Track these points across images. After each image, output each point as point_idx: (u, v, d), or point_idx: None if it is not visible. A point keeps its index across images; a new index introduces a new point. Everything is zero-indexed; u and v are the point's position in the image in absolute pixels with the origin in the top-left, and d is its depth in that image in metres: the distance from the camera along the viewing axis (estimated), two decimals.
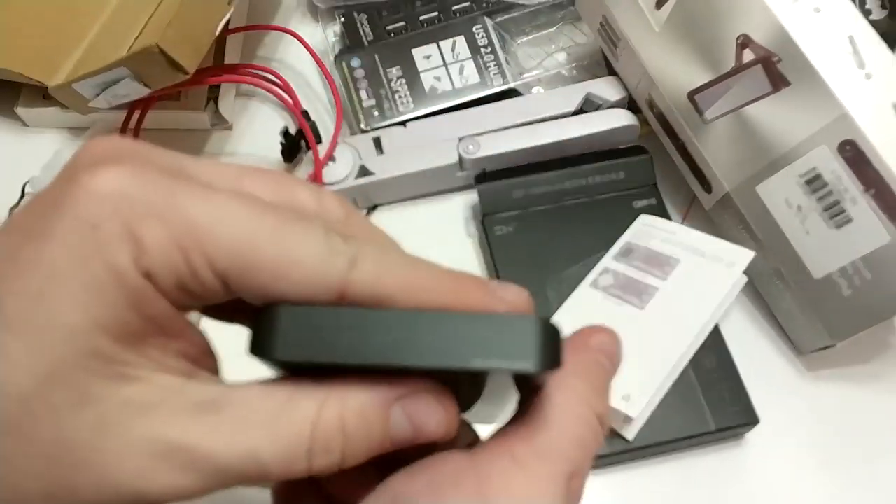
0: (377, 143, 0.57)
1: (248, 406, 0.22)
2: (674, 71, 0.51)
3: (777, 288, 0.50)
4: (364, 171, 0.55)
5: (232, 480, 0.22)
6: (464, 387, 0.25)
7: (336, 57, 0.61)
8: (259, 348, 0.23)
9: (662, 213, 0.54)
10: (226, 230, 0.21)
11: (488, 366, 0.23)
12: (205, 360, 0.24)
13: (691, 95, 0.50)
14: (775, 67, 0.45)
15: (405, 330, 0.22)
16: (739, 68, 0.47)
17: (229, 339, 0.26)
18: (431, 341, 0.23)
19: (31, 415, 0.20)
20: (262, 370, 0.24)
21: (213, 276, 0.21)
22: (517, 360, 0.23)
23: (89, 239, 0.20)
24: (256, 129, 0.62)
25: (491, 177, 0.55)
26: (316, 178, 0.55)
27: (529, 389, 0.27)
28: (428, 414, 0.24)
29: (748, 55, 0.46)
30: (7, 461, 0.21)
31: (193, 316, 0.24)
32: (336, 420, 0.22)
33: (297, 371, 0.24)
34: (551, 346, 0.23)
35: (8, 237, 0.22)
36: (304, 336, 0.22)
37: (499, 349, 0.23)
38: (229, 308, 0.24)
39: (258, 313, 0.23)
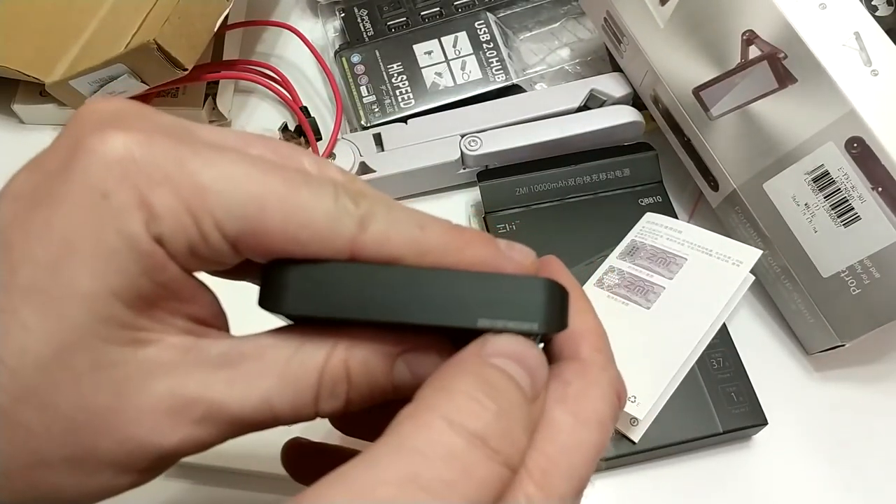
0: (377, 139, 0.56)
1: (260, 356, 0.23)
2: (679, 67, 0.50)
3: (785, 287, 0.50)
4: (364, 169, 0.55)
5: (246, 429, 0.23)
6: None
7: (336, 52, 0.60)
8: (268, 302, 0.23)
9: (668, 210, 0.53)
10: (234, 193, 0.21)
11: (493, 326, 0.23)
12: (215, 321, 0.24)
13: (697, 92, 0.49)
14: (781, 64, 0.45)
15: (412, 288, 0.23)
16: (745, 64, 0.46)
17: (237, 300, 0.26)
18: (438, 299, 0.23)
19: (51, 382, 0.21)
20: (270, 323, 0.25)
21: (223, 240, 0.22)
22: (523, 321, 0.23)
23: (100, 207, 0.21)
24: (255, 125, 0.61)
25: (493, 174, 0.54)
26: None
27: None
28: (430, 368, 0.24)
29: (754, 51, 0.46)
30: (27, 428, 0.21)
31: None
32: (341, 369, 0.23)
33: (306, 321, 0.24)
34: (557, 308, 0.24)
35: (12, 203, 0.22)
36: (312, 291, 0.23)
37: (505, 309, 0.23)
38: (238, 267, 0.24)
39: (267, 266, 0.23)
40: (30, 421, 0.21)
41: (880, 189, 0.43)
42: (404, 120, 0.57)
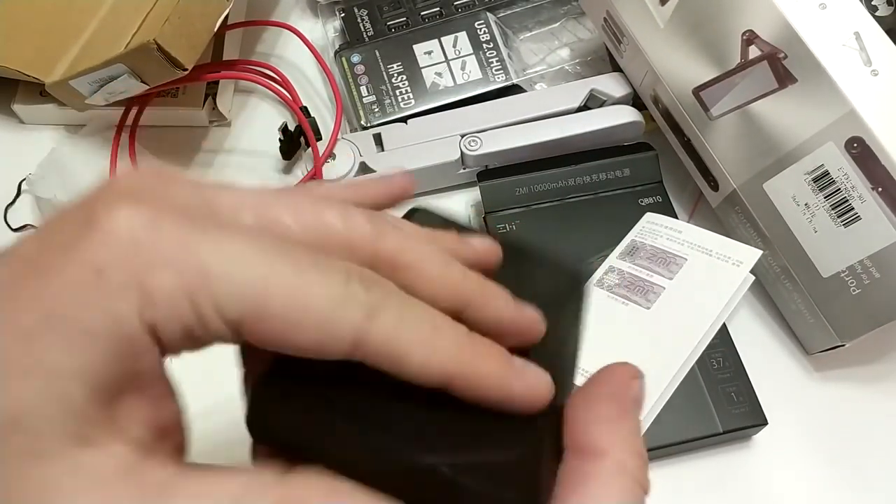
0: (378, 139, 0.56)
1: (197, 499, 0.20)
2: (679, 67, 0.50)
3: (785, 287, 0.50)
4: (364, 169, 0.55)
5: None
6: None
7: (336, 52, 0.60)
8: (249, 427, 0.23)
9: (668, 210, 0.53)
10: (239, 278, 0.21)
11: (460, 482, 0.22)
12: (173, 435, 0.23)
13: (697, 92, 0.49)
14: (781, 64, 0.45)
15: (388, 432, 0.22)
16: (745, 64, 0.46)
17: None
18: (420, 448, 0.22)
19: None
20: None
21: (223, 324, 0.21)
22: (493, 489, 0.22)
23: (91, 284, 0.20)
24: (255, 125, 0.61)
25: (493, 174, 0.54)
26: (316, 175, 0.54)
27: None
28: None
29: (754, 51, 0.46)
30: None
31: None
32: None
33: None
34: (527, 487, 0.22)
35: (13, 264, 0.21)
36: (292, 423, 0.22)
37: (475, 470, 0.22)
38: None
39: (255, 387, 0.23)
40: None
41: (880, 189, 0.43)
42: (404, 120, 0.57)
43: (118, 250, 0.20)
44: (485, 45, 0.59)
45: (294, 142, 0.57)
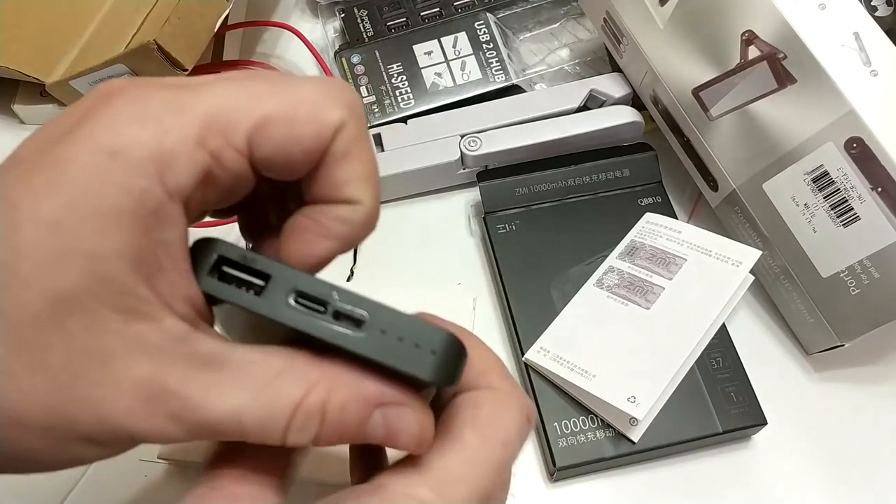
0: (378, 140, 0.56)
1: (244, 370, 0.23)
2: (678, 67, 0.50)
3: (784, 287, 0.50)
4: None
5: (211, 435, 0.23)
6: None
7: (336, 53, 0.60)
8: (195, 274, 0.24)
9: (668, 211, 0.53)
10: (234, 104, 0.23)
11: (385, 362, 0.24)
12: (206, 315, 0.25)
13: (696, 92, 0.49)
14: (781, 64, 0.44)
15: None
16: (745, 65, 0.46)
17: None
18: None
19: (44, 340, 0.21)
20: None
21: (235, 152, 0.23)
22: (415, 367, 0.24)
23: (108, 165, 0.21)
24: None
25: (493, 174, 0.54)
26: None
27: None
28: (403, 427, 0.25)
29: (753, 51, 0.46)
30: (15, 382, 0.21)
31: None
32: (318, 408, 0.23)
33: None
34: (450, 362, 0.24)
35: (17, 166, 0.22)
36: (223, 283, 0.24)
37: (399, 353, 0.24)
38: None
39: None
40: (19, 377, 0.21)
41: (880, 189, 0.43)
42: (404, 120, 0.57)
43: (126, 129, 0.22)
44: (485, 46, 0.59)
45: None
